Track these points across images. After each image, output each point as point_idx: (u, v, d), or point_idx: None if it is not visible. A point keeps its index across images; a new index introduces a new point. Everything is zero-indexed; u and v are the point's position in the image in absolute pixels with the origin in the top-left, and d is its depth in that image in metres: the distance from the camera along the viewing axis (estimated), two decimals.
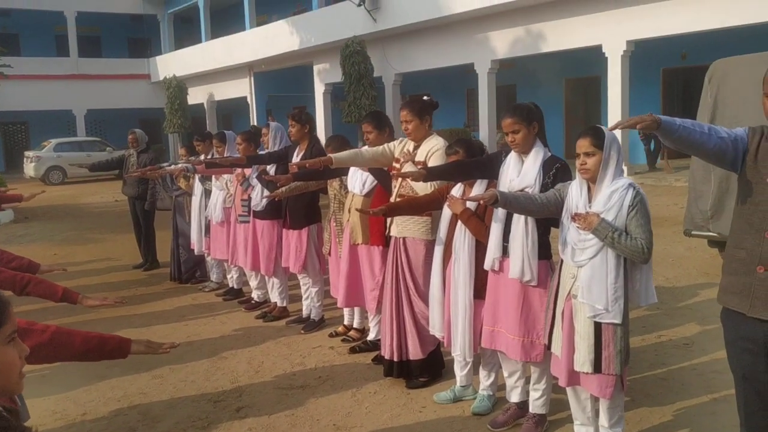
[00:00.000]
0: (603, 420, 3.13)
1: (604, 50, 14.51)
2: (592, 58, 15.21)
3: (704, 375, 4.19)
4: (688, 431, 3.49)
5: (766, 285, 2.32)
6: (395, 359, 4.20)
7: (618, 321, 2.91)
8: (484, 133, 17.08)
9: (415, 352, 4.18)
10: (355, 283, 4.84)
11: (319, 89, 22.24)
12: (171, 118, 25.77)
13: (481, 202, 3.06)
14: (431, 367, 4.27)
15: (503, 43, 16.55)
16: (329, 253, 5.27)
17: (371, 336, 4.95)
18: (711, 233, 6.36)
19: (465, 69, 18.19)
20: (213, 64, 25.49)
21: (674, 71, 16.94)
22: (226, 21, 27.77)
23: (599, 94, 17.32)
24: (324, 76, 21.81)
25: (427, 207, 3.92)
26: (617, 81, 14.40)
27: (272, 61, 23.11)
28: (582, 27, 14.70)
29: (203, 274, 7.49)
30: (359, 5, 18.16)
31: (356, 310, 5.22)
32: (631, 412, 3.64)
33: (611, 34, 14.20)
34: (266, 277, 6.09)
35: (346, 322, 5.34)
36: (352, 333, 5.23)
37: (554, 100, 18.41)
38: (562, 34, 15.17)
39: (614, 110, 14.47)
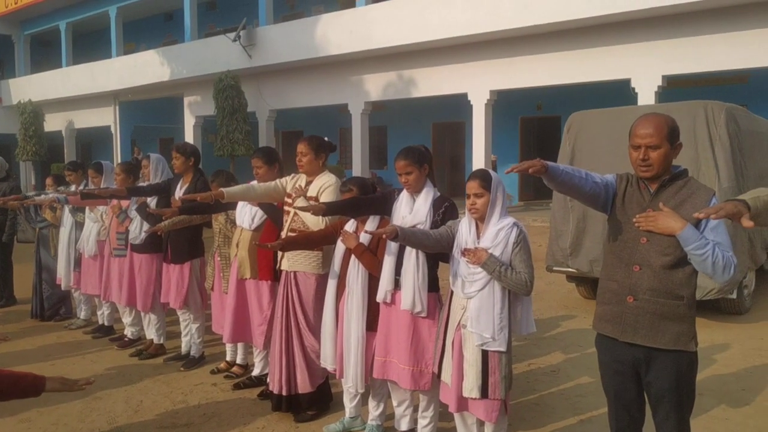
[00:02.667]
0: None
1: (469, 98, 15.46)
2: (459, 104, 16.12)
3: (570, 399, 4.55)
4: None
5: (635, 313, 2.64)
6: (284, 393, 4.21)
7: (503, 349, 3.15)
8: (357, 170, 17.47)
9: (304, 385, 4.21)
10: (242, 318, 4.81)
11: (189, 121, 21.73)
12: (24, 144, 24.00)
13: (384, 236, 3.22)
14: (320, 400, 4.32)
15: (376, 86, 17.14)
16: (212, 288, 5.20)
17: (256, 371, 4.92)
18: (570, 269, 6.95)
19: (339, 109, 18.60)
20: (74, 91, 24.15)
21: (531, 120, 18.33)
22: (90, 46, 26.55)
23: (464, 139, 18.33)
24: (195, 109, 21.39)
25: (322, 242, 4.02)
26: (481, 127, 15.36)
27: (140, 90, 22.34)
28: (450, 76, 15.59)
29: (68, 311, 7.08)
30: (235, 40, 18.11)
31: (240, 345, 5.17)
32: None
33: (476, 84, 15.18)
34: (142, 314, 5.86)
35: (228, 358, 5.26)
36: (235, 369, 5.16)
37: (423, 143, 19.09)
38: (432, 82, 15.99)
39: (478, 154, 15.39)
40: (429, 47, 15.47)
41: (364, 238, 3.71)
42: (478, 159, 15.32)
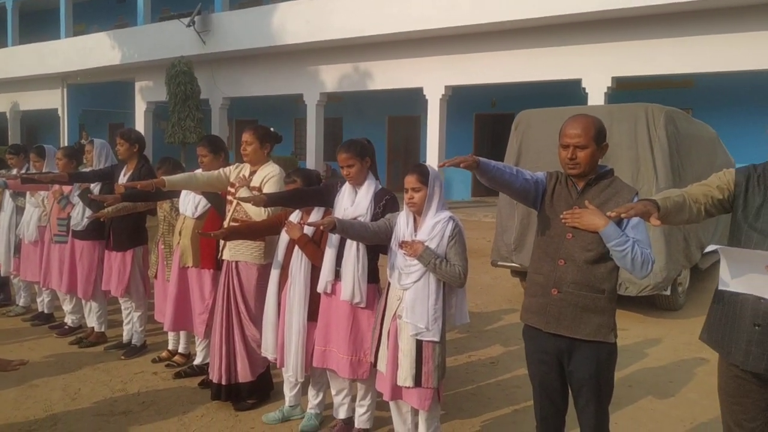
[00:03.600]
0: (422, 430, 3.42)
1: (424, 93, 15.58)
2: (414, 99, 16.23)
3: (507, 390, 4.68)
4: None
5: (559, 305, 2.76)
6: (224, 382, 4.22)
7: (437, 339, 3.23)
8: (311, 162, 17.44)
9: (244, 374, 4.23)
10: (184, 306, 4.80)
11: (140, 107, 21.34)
12: None
13: (321, 227, 3.27)
14: (260, 389, 4.34)
15: (332, 77, 17.12)
16: (155, 276, 5.17)
17: (198, 360, 4.91)
18: (514, 264, 7.11)
19: (294, 99, 18.53)
20: (20, 71, 23.44)
21: (485, 116, 18.57)
22: (38, 26, 25.78)
23: (419, 133, 18.46)
24: (146, 94, 21.00)
25: (266, 232, 4.04)
26: (436, 122, 15.50)
27: (89, 73, 21.81)
28: (406, 70, 15.68)
29: (6, 298, 6.91)
30: (189, 26, 17.85)
31: (182, 334, 5.15)
32: (446, 424, 3.99)
33: (431, 79, 15.31)
34: (83, 301, 5.77)
35: (170, 347, 5.23)
36: (177, 358, 5.14)
37: (377, 136, 19.26)
38: (388, 75, 16.06)
39: (432, 149, 15.53)
40: (386, 40, 15.53)
41: (308, 229, 3.75)
42: (432, 153, 15.47)
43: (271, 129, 4.36)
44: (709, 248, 2.29)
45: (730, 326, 2.44)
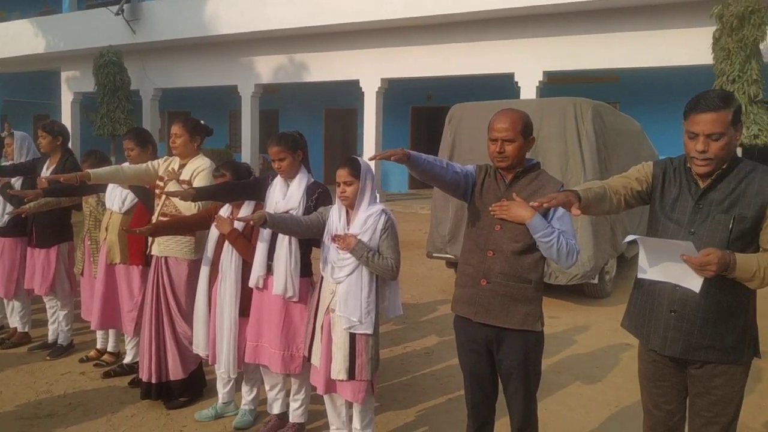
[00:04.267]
0: (356, 423, 3.44)
1: (361, 85, 15.57)
2: (351, 91, 16.19)
3: (441, 379, 4.75)
4: (427, 429, 3.95)
5: (487, 295, 2.81)
6: (154, 381, 4.13)
7: (370, 332, 3.24)
8: (246, 154, 17.19)
9: (175, 372, 4.15)
10: (111, 304, 4.66)
11: (66, 98, 20.56)
12: None
13: (251, 222, 3.23)
14: (192, 386, 4.27)
15: (268, 68, 16.90)
16: (82, 274, 5.00)
17: (128, 359, 4.78)
18: (449, 255, 7.21)
19: (228, 90, 18.19)
20: None
21: (421, 110, 18.71)
22: None
23: (356, 126, 18.45)
24: (73, 85, 20.24)
25: (195, 227, 3.97)
26: (372, 115, 15.53)
27: (11, 62, 20.84)
28: (342, 62, 15.63)
29: None
30: (117, 14, 17.27)
31: (111, 332, 5.00)
32: (380, 415, 4.03)
33: (368, 71, 15.32)
34: (5, 301, 5.53)
35: (98, 346, 5.08)
36: (105, 357, 4.99)
37: (314, 128, 19.16)
38: (324, 67, 15.97)
39: (369, 142, 15.55)
40: (322, 32, 15.43)
41: (239, 223, 3.69)
42: (369, 146, 15.49)
43: (201, 122, 4.28)
44: (629, 238, 2.38)
45: (649, 313, 2.55)
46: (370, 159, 2.82)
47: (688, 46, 11.88)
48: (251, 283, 3.66)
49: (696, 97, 2.37)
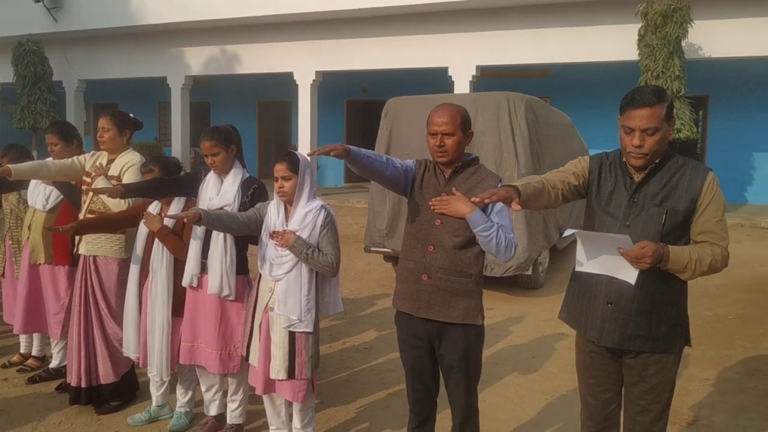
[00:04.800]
0: (296, 422, 3.38)
1: (295, 77, 15.39)
2: (285, 83, 15.99)
3: (381, 374, 4.74)
4: (368, 424, 3.93)
5: (429, 290, 2.81)
6: (83, 385, 3.96)
7: (310, 330, 3.19)
8: (177, 148, 16.75)
9: (106, 375, 3.99)
10: (36, 306, 4.44)
11: None
12: None
13: (185, 220, 3.12)
14: (124, 389, 4.11)
15: (198, 59, 16.49)
16: (3, 275, 4.75)
17: (54, 363, 4.56)
18: (386, 249, 7.21)
19: (157, 82, 17.66)
20: None
21: (356, 103, 18.66)
22: None
23: (290, 119, 18.24)
24: None
25: (122, 224, 3.80)
26: (307, 107, 15.38)
27: None
28: (276, 54, 15.41)
29: None
30: (38, 1, 16.45)
31: (35, 336, 4.77)
32: (321, 412, 3.98)
33: (302, 64, 15.15)
34: None
35: (22, 351, 4.83)
36: (30, 362, 4.74)
37: (247, 121, 18.84)
38: (257, 58, 15.70)
39: (304, 135, 15.40)
40: (255, 23, 15.16)
41: (169, 220, 3.56)
42: (304, 139, 15.35)
43: (131, 114, 4.11)
44: (568, 232, 2.41)
45: (586, 305, 2.59)
46: (309, 155, 2.76)
47: (615, 43, 12.26)
48: (185, 282, 3.54)
49: (631, 92, 2.41)
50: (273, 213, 3.25)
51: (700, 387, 4.54)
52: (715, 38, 11.78)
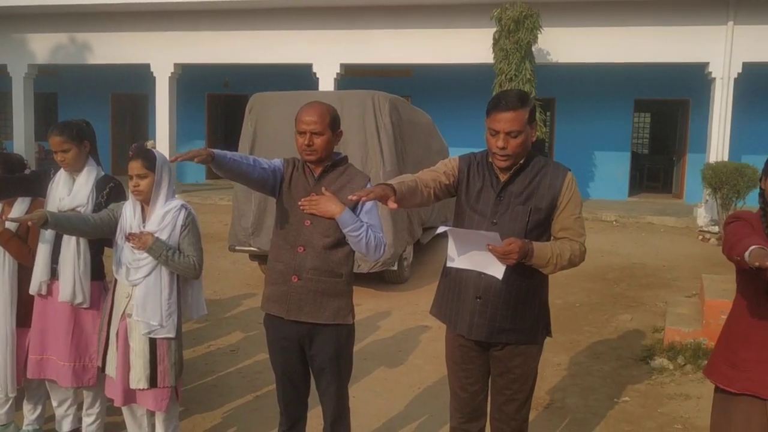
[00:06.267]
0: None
1: (152, 69, 14.68)
2: (141, 75, 15.19)
3: (248, 376, 4.64)
4: (235, 429, 3.84)
5: (299, 292, 2.78)
6: None
7: (172, 335, 3.06)
8: (20, 143, 15.44)
9: None
10: None
11: None
12: None
13: (29, 223, 2.87)
14: None
15: (43, 47, 15.27)
16: None
17: None
18: (252, 248, 7.06)
19: None
20: None
21: (218, 97, 18.10)
22: None
23: (147, 113, 17.37)
24: None
25: None
26: (165, 101, 14.71)
27: None
28: (131, 44, 14.61)
29: None
30: None
31: None
32: (185, 420, 3.83)
33: (159, 55, 14.47)
34: None
35: None
36: None
37: (100, 115, 17.71)
38: (111, 48, 14.81)
39: (162, 130, 14.74)
40: (107, 10, 14.26)
41: (11, 223, 3.26)
42: (162, 134, 14.68)
43: None
44: (440, 229, 2.47)
45: (456, 300, 2.69)
46: (171, 160, 2.64)
47: (472, 46, 12.77)
48: (32, 290, 3.28)
49: (497, 96, 2.53)
50: (129, 214, 3.07)
51: (553, 372, 4.86)
52: (561, 45, 12.62)
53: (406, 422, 3.97)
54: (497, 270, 2.42)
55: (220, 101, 18.24)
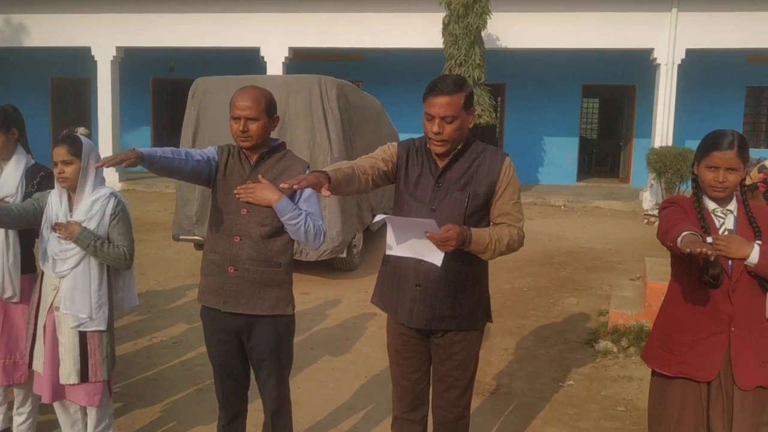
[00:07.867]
0: (91, 429, 3.10)
1: (93, 53, 14.19)
2: (82, 59, 14.67)
3: (191, 369, 4.52)
4: (175, 423, 3.73)
5: (236, 283, 2.69)
6: None
7: (103, 328, 2.93)
8: None
9: None
10: None
11: None
12: None
13: None
14: None
15: None
16: None
17: None
18: (197, 237, 6.90)
19: None
20: None
21: (163, 82, 17.62)
22: None
23: (89, 98, 16.81)
24: None
25: None
26: (107, 85, 14.27)
27: None
28: (70, 26, 14.09)
29: None
30: None
31: None
32: (124, 416, 3.71)
33: (100, 38, 14.00)
34: None
35: None
36: None
37: (39, 100, 17.08)
38: (48, 31, 14.25)
39: (105, 115, 14.33)
40: None
41: None
42: (105, 120, 14.26)
43: None
44: (378, 218, 2.40)
45: (396, 288, 2.64)
46: (98, 166, 2.54)
47: (422, 31, 12.72)
48: None
49: (433, 81, 2.48)
50: (55, 202, 2.91)
51: (500, 357, 4.88)
52: (511, 30, 12.68)
53: (351, 412, 3.93)
54: (436, 257, 2.37)
55: (165, 86, 17.77)
